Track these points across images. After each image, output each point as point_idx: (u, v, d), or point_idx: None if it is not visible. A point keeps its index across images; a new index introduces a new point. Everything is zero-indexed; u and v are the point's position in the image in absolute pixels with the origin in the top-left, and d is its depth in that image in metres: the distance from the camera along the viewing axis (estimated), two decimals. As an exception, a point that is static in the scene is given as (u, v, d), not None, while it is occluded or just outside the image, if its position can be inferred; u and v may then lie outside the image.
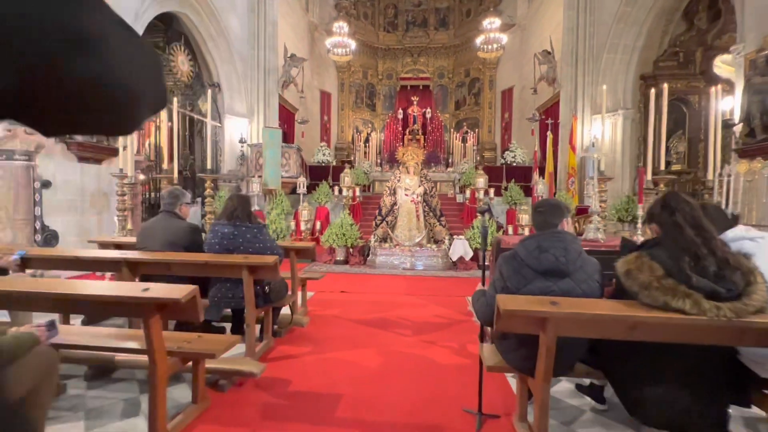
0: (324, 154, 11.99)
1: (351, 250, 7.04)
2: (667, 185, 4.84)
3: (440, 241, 6.93)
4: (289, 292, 3.45)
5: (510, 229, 6.88)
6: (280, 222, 7.18)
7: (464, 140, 15.66)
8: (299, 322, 3.61)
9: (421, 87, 16.72)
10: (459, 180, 12.82)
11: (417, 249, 6.70)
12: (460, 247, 6.54)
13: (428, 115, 16.14)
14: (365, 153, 15.43)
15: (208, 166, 5.68)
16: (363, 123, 17.07)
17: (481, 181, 7.24)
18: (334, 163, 12.74)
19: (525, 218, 6.79)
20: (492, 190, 8.38)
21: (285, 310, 3.54)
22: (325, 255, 7.20)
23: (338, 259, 6.99)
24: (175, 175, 5.49)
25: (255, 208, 8.83)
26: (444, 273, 6.38)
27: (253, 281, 2.89)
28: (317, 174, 11.54)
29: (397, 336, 3.54)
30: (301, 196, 9.54)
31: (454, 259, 6.57)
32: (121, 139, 5.79)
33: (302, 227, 7.11)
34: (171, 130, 10.70)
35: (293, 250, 3.82)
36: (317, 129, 15.60)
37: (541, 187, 9.03)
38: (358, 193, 7.41)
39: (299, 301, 3.93)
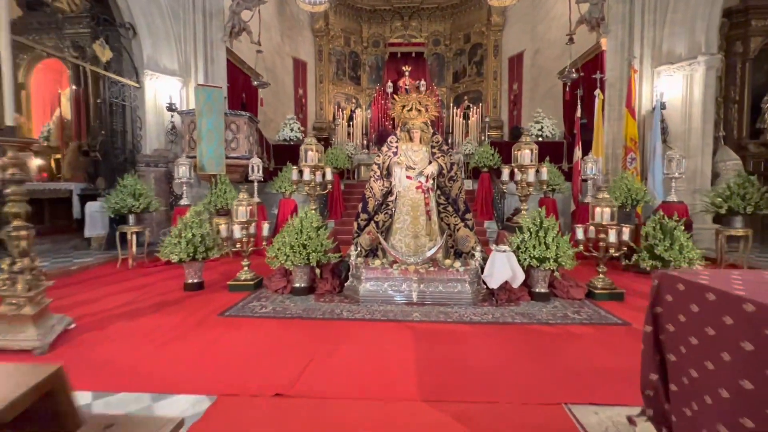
0: (292, 129, 8.89)
1: (319, 270, 4.09)
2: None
3: (467, 254, 4.00)
4: None
5: (580, 233, 3.96)
6: (200, 228, 4.15)
7: (466, 116, 12.75)
8: None
9: (413, 54, 13.59)
10: (464, 162, 9.91)
11: (429, 269, 3.77)
12: (504, 265, 3.62)
13: (422, 89, 13.09)
14: (349, 133, 12.41)
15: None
16: (346, 98, 13.93)
17: (528, 154, 4.29)
18: (308, 143, 9.61)
19: (605, 213, 3.89)
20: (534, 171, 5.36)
21: None
22: (277, 279, 4.21)
23: (297, 285, 4.02)
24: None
25: (184, 202, 5.80)
26: (478, 313, 3.48)
27: None
28: (284, 155, 8.46)
29: None
30: (255, 184, 6.50)
31: (494, 285, 3.66)
32: None
33: (237, 234, 4.10)
34: (78, 95, 7.50)
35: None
36: (290, 105, 12.44)
37: (590, 165, 6.15)
38: (329, 175, 4.39)
39: None
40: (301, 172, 4.46)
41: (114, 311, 3.55)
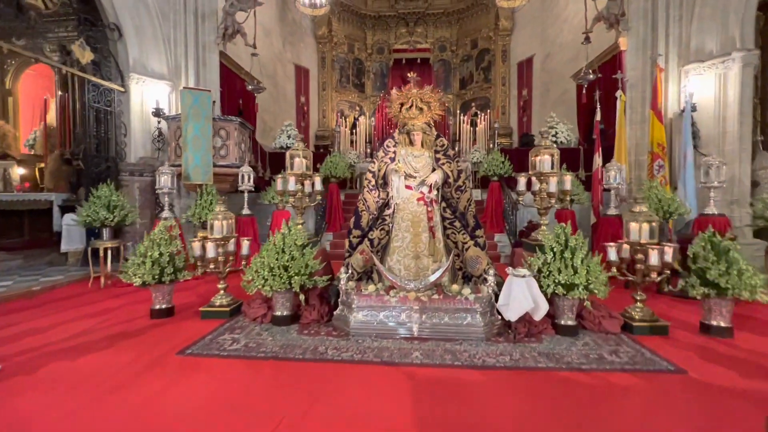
0: (290, 137, 8.37)
1: (304, 295, 3.48)
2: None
3: (477, 278, 3.37)
4: None
5: (612, 254, 3.30)
6: (168, 246, 3.58)
7: (473, 124, 12.17)
8: None
9: (419, 61, 13.12)
10: (472, 170, 9.33)
11: (432, 297, 3.13)
12: (523, 293, 2.98)
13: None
14: (352, 142, 11.91)
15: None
16: (349, 106, 13.46)
17: (548, 160, 3.66)
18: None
19: (644, 230, 3.23)
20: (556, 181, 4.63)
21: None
22: (257, 305, 3.61)
23: (278, 314, 3.41)
24: None
25: (164, 215, 5.26)
26: (492, 352, 2.84)
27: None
28: (281, 164, 7.91)
29: None
30: (246, 195, 5.96)
31: (512, 317, 3.01)
32: None
33: (210, 253, 3.52)
34: (64, 101, 7.07)
35: None
36: (291, 112, 11.97)
37: (614, 173, 5.49)
38: (318, 185, 3.80)
39: None
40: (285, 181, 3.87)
41: (58, 345, 2.97)
